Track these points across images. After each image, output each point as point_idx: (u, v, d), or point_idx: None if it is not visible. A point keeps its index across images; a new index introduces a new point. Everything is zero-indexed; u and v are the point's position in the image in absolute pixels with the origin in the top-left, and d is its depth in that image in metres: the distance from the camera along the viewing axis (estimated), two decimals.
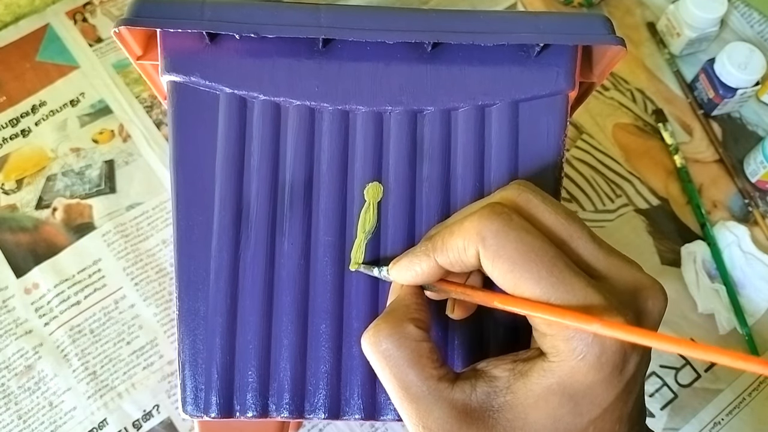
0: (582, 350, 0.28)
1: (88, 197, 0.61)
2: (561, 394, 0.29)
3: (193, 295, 0.35)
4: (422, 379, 0.29)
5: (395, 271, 0.32)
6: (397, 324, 0.30)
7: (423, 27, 0.34)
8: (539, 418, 0.29)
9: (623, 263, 0.30)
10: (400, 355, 0.29)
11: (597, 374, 0.28)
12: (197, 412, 0.36)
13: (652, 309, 0.30)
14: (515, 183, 0.31)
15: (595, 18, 0.35)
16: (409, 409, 0.30)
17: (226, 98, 0.35)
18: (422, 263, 0.31)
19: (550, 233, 0.29)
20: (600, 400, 0.29)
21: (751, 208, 0.64)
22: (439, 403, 0.29)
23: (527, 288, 0.28)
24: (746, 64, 0.63)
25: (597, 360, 0.28)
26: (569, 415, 0.29)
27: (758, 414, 0.56)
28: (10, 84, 0.65)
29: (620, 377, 0.29)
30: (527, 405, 0.29)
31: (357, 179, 0.36)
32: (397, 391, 0.30)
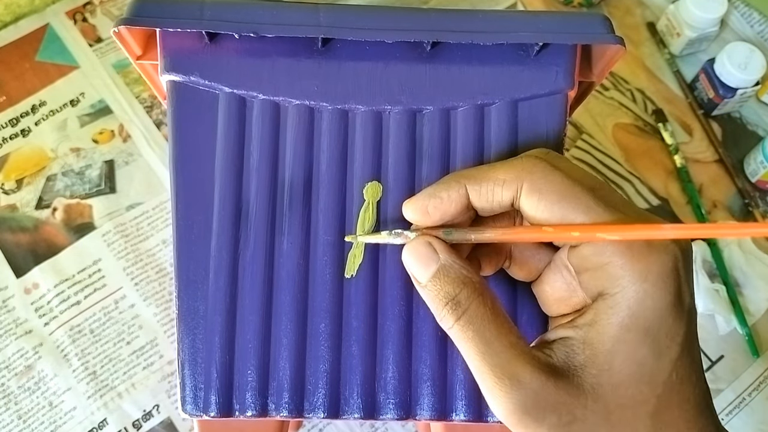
0: (643, 270, 0.28)
1: (88, 197, 0.61)
2: (636, 330, 0.28)
3: (193, 295, 0.35)
4: (503, 333, 0.29)
5: (413, 202, 0.32)
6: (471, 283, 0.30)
7: (422, 26, 0.34)
8: (623, 366, 0.28)
9: (649, 214, 0.30)
10: (479, 310, 0.29)
11: (664, 296, 0.28)
12: (197, 412, 0.36)
13: (687, 247, 0.29)
14: (537, 150, 0.32)
15: (594, 17, 0.35)
16: (491, 363, 0.28)
17: (226, 98, 0.35)
18: (450, 189, 0.31)
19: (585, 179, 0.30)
20: (674, 333, 0.28)
21: (751, 208, 0.64)
22: (524, 356, 0.28)
23: (577, 217, 0.28)
24: (746, 64, 0.63)
25: (660, 278, 0.28)
26: (651, 356, 0.28)
27: (758, 414, 0.56)
28: (10, 84, 0.65)
29: (682, 307, 0.28)
30: (607, 353, 0.28)
31: (356, 178, 0.36)
32: (476, 348, 0.29)
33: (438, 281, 0.30)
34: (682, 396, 0.29)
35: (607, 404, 0.28)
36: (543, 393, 0.28)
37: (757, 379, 0.57)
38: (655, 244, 0.28)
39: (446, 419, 0.36)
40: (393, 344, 0.36)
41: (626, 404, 0.28)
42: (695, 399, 0.29)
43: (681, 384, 0.29)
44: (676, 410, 0.29)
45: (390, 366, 0.36)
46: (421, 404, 0.36)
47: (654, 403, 0.28)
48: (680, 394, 0.29)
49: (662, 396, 0.29)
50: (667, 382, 0.28)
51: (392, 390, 0.36)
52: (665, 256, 0.28)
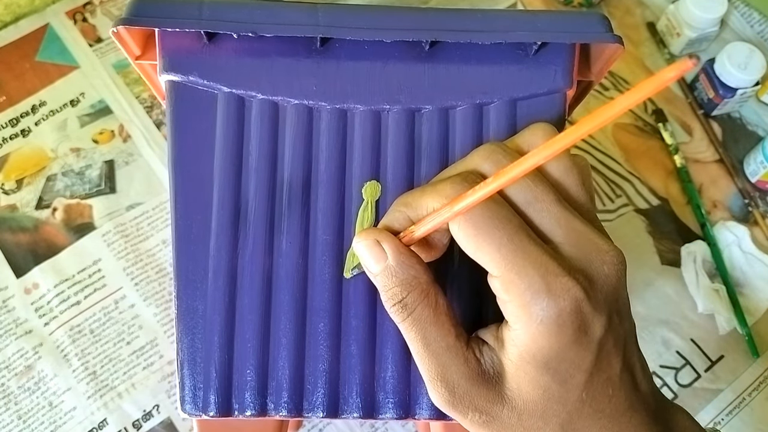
0: (538, 314, 0.29)
1: (88, 197, 0.61)
2: (535, 363, 0.30)
3: (192, 294, 0.35)
4: (442, 336, 0.31)
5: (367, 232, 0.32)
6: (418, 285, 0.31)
7: (420, 26, 0.34)
8: (529, 388, 0.30)
9: (583, 229, 0.30)
10: (423, 313, 0.31)
11: (560, 337, 0.29)
12: (196, 411, 0.35)
13: (608, 272, 0.30)
14: (487, 145, 0.32)
15: (593, 16, 0.35)
16: (428, 363, 0.31)
17: (225, 97, 0.35)
18: (397, 218, 0.32)
19: (517, 194, 0.30)
20: (578, 363, 0.30)
21: (751, 208, 0.64)
22: (456, 360, 0.31)
23: (488, 251, 0.29)
24: (746, 64, 0.63)
25: (554, 322, 0.29)
26: (554, 383, 0.30)
27: (758, 414, 0.56)
28: (10, 84, 0.65)
29: (588, 339, 0.29)
30: (514, 375, 0.30)
31: (355, 178, 0.36)
32: (418, 348, 0.31)
33: (386, 279, 0.31)
34: (594, 408, 0.31)
35: (520, 414, 0.31)
36: (467, 396, 0.31)
37: (757, 379, 0.57)
38: (554, 289, 0.29)
39: (446, 418, 0.36)
40: (392, 343, 0.36)
41: (537, 416, 0.31)
42: (611, 410, 0.31)
43: (593, 400, 0.31)
44: (588, 420, 0.31)
45: (389, 365, 0.36)
46: (421, 403, 0.36)
47: (564, 416, 0.31)
48: (593, 407, 0.31)
49: (573, 411, 0.31)
50: (578, 400, 0.30)
51: (392, 389, 0.36)
52: (562, 302, 0.29)
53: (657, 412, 0.33)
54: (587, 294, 0.29)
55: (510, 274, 0.29)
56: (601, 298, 0.30)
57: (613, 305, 0.30)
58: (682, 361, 0.58)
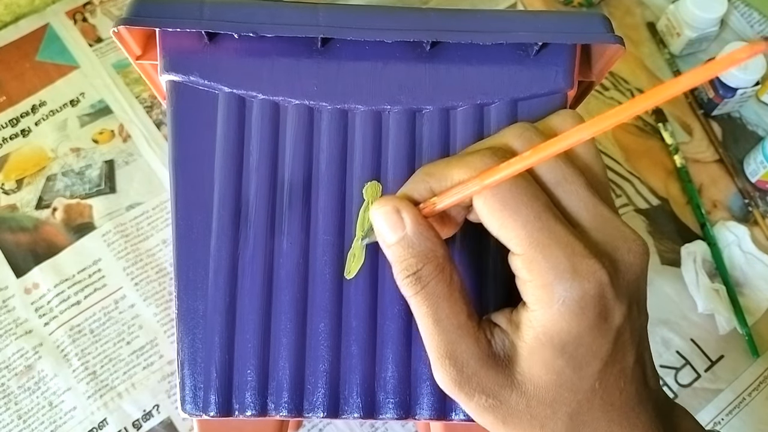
0: (561, 295, 0.28)
1: (88, 197, 0.61)
2: (552, 346, 0.29)
3: (192, 294, 0.35)
4: (454, 313, 0.30)
5: (386, 200, 0.32)
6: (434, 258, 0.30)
7: (421, 26, 0.34)
8: (542, 373, 0.30)
9: (610, 216, 0.30)
10: (437, 288, 0.30)
11: (581, 321, 0.29)
12: (196, 411, 0.35)
13: (633, 261, 0.30)
14: (519, 124, 0.32)
15: (594, 17, 0.35)
16: (438, 340, 0.30)
17: (225, 97, 0.35)
18: (418, 188, 0.31)
19: (547, 173, 0.30)
20: (595, 350, 0.29)
21: (751, 208, 0.64)
22: (467, 339, 0.30)
23: (513, 228, 0.29)
24: (746, 64, 0.63)
25: (577, 305, 0.28)
26: (569, 368, 0.29)
27: (758, 414, 0.56)
28: (10, 84, 0.65)
29: (607, 326, 0.29)
30: (527, 358, 0.30)
31: (356, 178, 0.36)
32: (428, 324, 0.30)
33: (402, 250, 0.30)
34: (605, 400, 0.30)
35: (529, 400, 0.30)
36: (476, 377, 0.30)
37: (757, 379, 0.57)
38: (580, 271, 0.28)
39: (446, 419, 0.36)
40: (392, 344, 0.36)
41: (547, 403, 0.30)
42: (621, 403, 0.31)
43: (605, 391, 0.30)
44: (598, 412, 0.30)
45: (389, 365, 0.36)
46: (421, 404, 0.36)
47: (574, 406, 0.30)
48: (603, 398, 0.30)
49: (583, 400, 0.30)
50: (590, 390, 0.30)
51: (392, 389, 0.36)
52: (587, 284, 0.28)
53: (663, 411, 0.32)
54: (611, 279, 0.29)
55: (534, 252, 0.28)
56: (623, 285, 0.29)
57: (634, 295, 0.30)
58: (682, 361, 0.58)
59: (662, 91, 0.23)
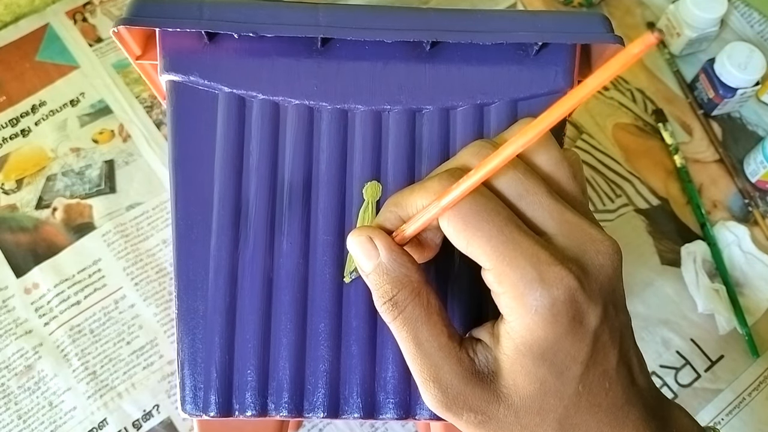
0: (532, 304, 0.29)
1: (88, 197, 0.61)
2: (531, 355, 0.29)
3: (192, 294, 0.35)
4: (434, 336, 0.31)
5: (360, 230, 0.32)
6: (409, 283, 0.31)
7: (421, 26, 0.34)
8: (525, 382, 0.30)
9: (576, 220, 0.30)
10: (414, 312, 0.31)
11: (555, 327, 0.29)
12: (196, 411, 0.36)
13: (603, 263, 0.30)
14: (476, 142, 0.32)
15: (593, 17, 0.35)
16: (420, 364, 0.31)
17: (225, 97, 0.35)
18: (389, 217, 0.32)
19: (507, 187, 0.30)
20: (574, 354, 0.30)
21: (751, 208, 0.64)
22: (449, 359, 0.30)
23: (478, 244, 0.29)
24: (746, 64, 0.63)
25: (549, 312, 0.28)
26: (551, 375, 0.30)
27: (758, 414, 0.56)
28: (10, 84, 0.65)
29: (583, 330, 0.29)
30: (509, 370, 0.30)
31: (356, 178, 0.36)
32: (410, 348, 0.31)
33: (377, 277, 0.31)
34: (591, 402, 0.31)
35: (517, 411, 0.31)
36: (461, 396, 0.30)
37: (757, 379, 0.57)
38: (547, 279, 0.28)
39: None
40: (393, 344, 0.35)
41: (534, 411, 0.31)
42: (608, 403, 0.31)
43: (589, 393, 0.30)
44: (585, 414, 0.31)
45: (390, 365, 0.36)
46: (421, 404, 0.36)
47: (561, 411, 0.30)
48: (589, 401, 0.31)
49: (569, 405, 0.30)
50: (574, 394, 0.30)
51: (392, 389, 0.36)
52: (556, 291, 0.28)
53: (654, 408, 0.32)
54: (581, 283, 0.29)
55: (502, 265, 0.29)
56: (596, 287, 0.30)
57: (608, 296, 0.30)
58: (682, 361, 0.58)
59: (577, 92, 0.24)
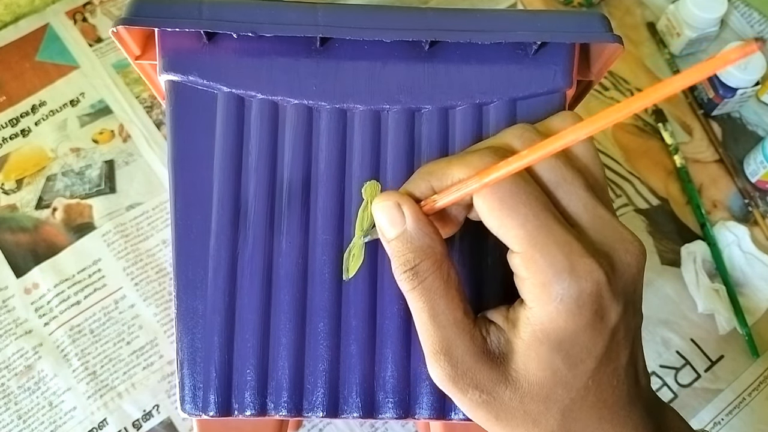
0: (559, 293, 0.29)
1: (88, 197, 0.61)
2: (548, 343, 0.29)
3: (192, 294, 0.35)
4: (450, 309, 0.30)
5: (388, 194, 0.32)
6: (432, 254, 0.31)
7: (420, 26, 0.34)
8: (537, 370, 0.30)
9: (608, 217, 0.31)
10: (434, 283, 0.30)
11: (578, 319, 0.29)
12: (196, 411, 0.35)
13: (630, 262, 0.30)
14: (519, 125, 0.32)
15: (592, 16, 0.35)
16: (433, 335, 0.31)
17: (224, 97, 0.35)
18: (419, 185, 0.32)
19: (547, 173, 0.30)
20: (590, 348, 0.30)
21: (751, 208, 0.64)
22: (462, 334, 0.30)
23: (512, 226, 0.29)
24: (746, 64, 0.63)
25: (575, 303, 0.29)
26: (564, 365, 0.30)
27: (758, 414, 0.56)
28: (10, 84, 0.65)
29: (603, 325, 0.29)
30: (523, 355, 0.30)
31: (355, 178, 0.36)
32: (424, 319, 0.31)
33: (401, 245, 0.31)
34: (597, 397, 0.31)
35: (523, 396, 0.30)
36: (470, 372, 0.30)
37: (757, 379, 0.57)
38: (577, 270, 0.28)
39: (446, 418, 0.36)
40: (392, 343, 0.36)
41: (540, 399, 0.31)
42: (613, 401, 0.31)
43: (597, 389, 0.31)
44: (590, 410, 0.31)
45: (389, 365, 0.36)
46: (421, 403, 0.36)
47: (567, 402, 0.31)
48: (596, 395, 0.31)
49: (576, 398, 0.30)
50: (583, 387, 0.30)
51: (391, 389, 0.36)
52: (584, 283, 0.29)
53: (652, 409, 0.33)
54: (609, 279, 0.29)
55: (532, 251, 0.29)
56: (620, 286, 0.30)
57: (630, 296, 0.30)
58: (682, 361, 0.58)
59: (658, 90, 0.23)
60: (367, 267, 0.36)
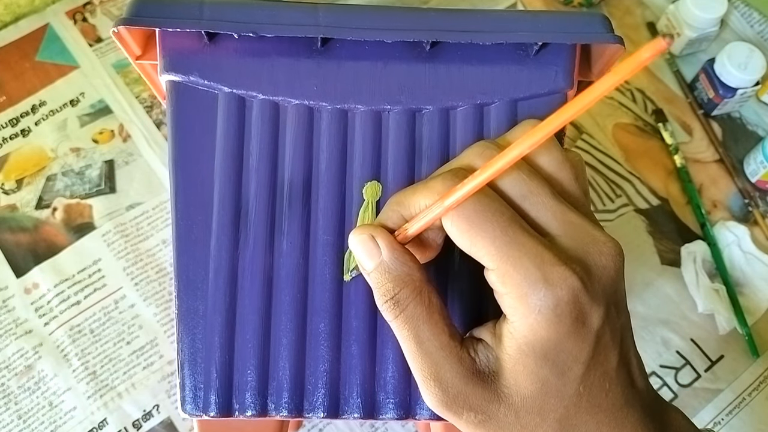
0: (536, 304, 0.29)
1: (88, 197, 0.61)
2: (534, 355, 0.29)
3: (192, 294, 0.35)
4: (435, 335, 0.31)
5: (362, 228, 0.32)
6: (411, 281, 0.31)
7: (421, 26, 0.34)
8: (527, 382, 0.30)
9: (579, 222, 0.31)
10: (415, 310, 0.31)
11: (559, 327, 0.29)
12: (196, 411, 0.36)
13: (606, 264, 0.30)
14: (479, 143, 0.32)
15: (593, 16, 0.35)
16: (421, 362, 0.31)
17: (225, 97, 0.35)
18: (391, 216, 0.32)
19: (511, 188, 0.30)
20: (576, 354, 0.30)
21: (751, 208, 0.64)
22: (450, 358, 0.30)
23: (482, 245, 0.29)
24: (746, 64, 0.63)
25: (553, 312, 0.29)
26: (552, 375, 0.30)
27: (758, 414, 0.56)
28: (10, 84, 0.65)
29: (586, 330, 0.29)
30: (511, 370, 0.30)
31: (356, 178, 0.36)
32: (411, 346, 0.31)
33: (379, 275, 0.31)
34: (591, 403, 0.31)
35: (518, 411, 0.31)
36: (462, 395, 0.30)
37: (757, 379, 0.57)
38: (551, 279, 0.29)
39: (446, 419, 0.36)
40: (393, 344, 0.36)
41: (535, 411, 0.31)
42: (608, 404, 0.31)
43: (590, 394, 0.31)
44: (585, 415, 0.31)
45: (390, 365, 0.36)
46: (421, 404, 0.36)
47: (562, 411, 0.31)
48: (590, 401, 0.31)
49: (570, 405, 0.30)
50: (575, 394, 0.30)
51: (392, 389, 0.36)
52: (560, 291, 0.28)
53: (653, 410, 0.33)
54: (584, 284, 0.29)
55: (505, 266, 0.29)
56: (598, 288, 0.30)
57: (611, 297, 0.30)
58: (682, 361, 0.58)
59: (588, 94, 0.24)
60: None
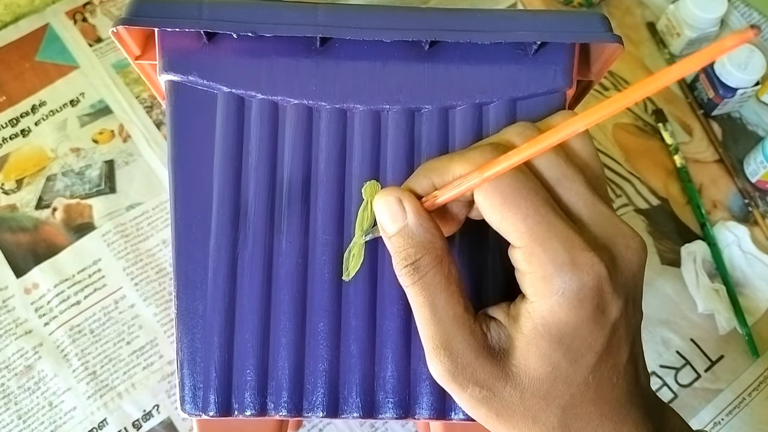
0: (560, 286, 0.29)
1: (88, 197, 0.61)
2: (549, 337, 0.29)
3: (192, 294, 0.35)
4: (450, 305, 0.31)
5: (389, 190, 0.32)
6: (433, 249, 0.31)
7: (420, 26, 0.34)
8: (538, 365, 0.30)
9: (608, 213, 0.31)
10: (434, 278, 0.31)
11: (579, 312, 0.29)
12: (196, 411, 0.35)
13: (631, 258, 0.30)
14: (520, 123, 0.32)
15: (592, 16, 0.35)
16: (433, 330, 0.31)
17: (224, 97, 0.35)
18: (421, 182, 0.32)
19: (547, 170, 0.31)
20: (591, 342, 0.30)
21: (751, 208, 0.64)
22: (462, 330, 0.30)
23: (513, 221, 0.29)
24: (746, 64, 0.63)
25: (576, 296, 0.29)
26: (564, 360, 0.30)
27: (758, 414, 0.56)
28: (10, 84, 0.65)
29: (604, 319, 0.30)
30: (524, 350, 0.30)
31: (355, 178, 0.36)
32: (424, 314, 0.31)
33: (402, 240, 0.31)
34: (598, 394, 0.31)
35: (524, 392, 0.30)
36: (470, 368, 0.30)
37: (757, 379, 0.57)
38: (579, 263, 0.29)
39: (445, 418, 0.36)
40: (392, 343, 0.36)
41: (540, 395, 0.30)
42: (613, 398, 0.31)
43: (598, 385, 0.31)
44: (590, 406, 0.31)
45: (389, 365, 0.36)
46: (421, 403, 0.36)
47: (567, 398, 0.31)
48: (596, 392, 0.31)
49: (576, 393, 0.30)
50: (583, 383, 0.30)
51: (391, 389, 0.36)
52: (586, 276, 0.29)
53: (652, 409, 0.33)
54: (610, 273, 0.29)
55: (534, 245, 0.29)
56: (621, 281, 0.30)
57: (630, 291, 0.30)
58: (682, 361, 0.58)
59: (654, 81, 0.23)
60: (367, 267, 0.36)
